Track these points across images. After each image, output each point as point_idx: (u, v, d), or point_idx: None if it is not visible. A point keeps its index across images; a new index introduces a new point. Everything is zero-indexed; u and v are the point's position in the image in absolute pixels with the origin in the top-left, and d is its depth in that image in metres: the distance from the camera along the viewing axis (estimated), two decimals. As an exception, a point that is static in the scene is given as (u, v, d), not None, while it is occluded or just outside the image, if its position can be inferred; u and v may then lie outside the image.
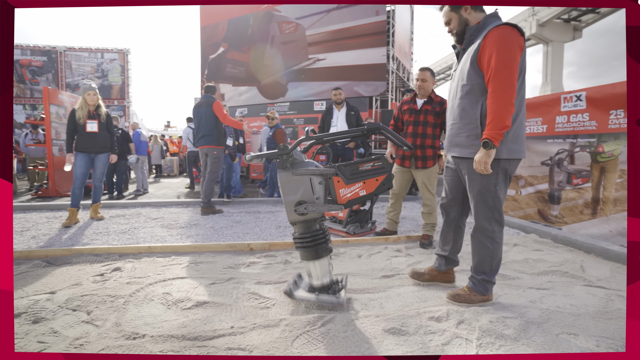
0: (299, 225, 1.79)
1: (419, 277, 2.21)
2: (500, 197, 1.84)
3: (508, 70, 1.63)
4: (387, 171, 1.81)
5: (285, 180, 1.75)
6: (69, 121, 3.95)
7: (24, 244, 3.19)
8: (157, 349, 1.48)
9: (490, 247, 1.87)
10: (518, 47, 1.67)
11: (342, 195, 1.76)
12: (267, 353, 1.44)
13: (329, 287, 1.83)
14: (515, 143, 1.78)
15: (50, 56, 17.88)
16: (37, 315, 1.80)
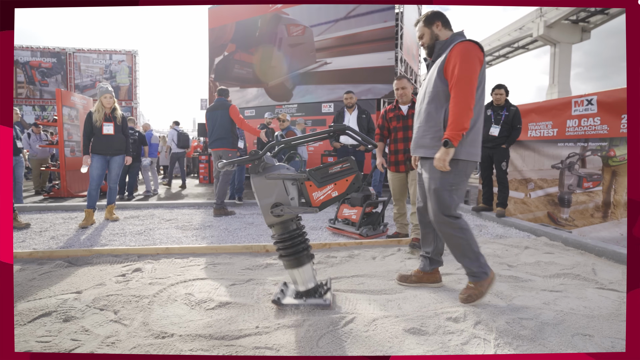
0: (277, 226, 1.88)
1: (406, 280, 2.28)
2: (455, 197, 1.98)
3: (468, 78, 1.83)
4: (355, 171, 1.89)
5: (259, 185, 1.83)
6: (86, 124, 4.04)
7: (44, 244, 3.27)
8: (186, 347, 1.54)
9: (462, 235, 1.97)
10: (478, 60, 1.86)
11: (315, 198, 1.85)
12: (293, 352, 1.50)
13: (315, 291, 1.92)
14: (473, 147, 1.96)
15: (60, 58, 18.13)
16: (67, 314, 1.87)
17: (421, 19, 2.08)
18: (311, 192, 1.85)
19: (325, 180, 1.85)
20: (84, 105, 8.29)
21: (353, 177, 1.88)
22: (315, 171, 1.86)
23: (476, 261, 1.99)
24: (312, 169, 1.87)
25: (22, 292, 2.15)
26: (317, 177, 1.84)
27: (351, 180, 1.88)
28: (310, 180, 1.84)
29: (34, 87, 17.71)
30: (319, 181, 1.84)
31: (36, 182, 7.88)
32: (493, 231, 3.86)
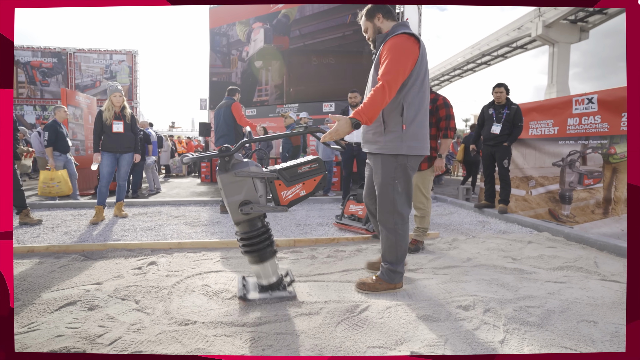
0: (244, 224, 1.87)
1: (372, 267, 2.38)
2: (400, 190, 1.98)
3: (395, 71, 1.80)
4: (323, 172, 1.93)
5: (228, 181, 1.80)
6: (96, 122, 4.10)
7: (58, 239, 3.34)
8: (210, 333, 1.61)
9: (393, 238, 2.00)
10: (410, 54, 1.84)
11: (284, 197, 1.87)
12: (313, 337, 1.57)
13: (278, 284, 1.97)
14: (415, 141, 1.95)
15: (60, 58, 18.13)
16: (90, 303, 1.94)
17: (363, 13, 2.04)
18: (280, 190, 1.85)
19: (294, 180, 1.86)
20: (88, 105, 8.35)
21: (320, 177, 1.92)
22: (285, 170, 1.86)
23: (392, 265, 2.04)
24: (281, 168, 1.87)
25: (44, 283, 2.22)
26: (287, 177, 1.85)
27: (319, 180, 1.92)
28: (279, 179, 1.84)
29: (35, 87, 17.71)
30: (288, 180, 1.85)
31: (40, 180, 7.91)
32: (496, 227, 3.95)
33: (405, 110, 1.89)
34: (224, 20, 11.85)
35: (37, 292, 2.10)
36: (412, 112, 1.91)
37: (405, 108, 1.89)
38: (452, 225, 4.02)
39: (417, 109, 1.92)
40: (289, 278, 2.05)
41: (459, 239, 3.37)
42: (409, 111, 1.90)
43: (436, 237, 3.44)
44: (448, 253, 2.93)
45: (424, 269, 2.53)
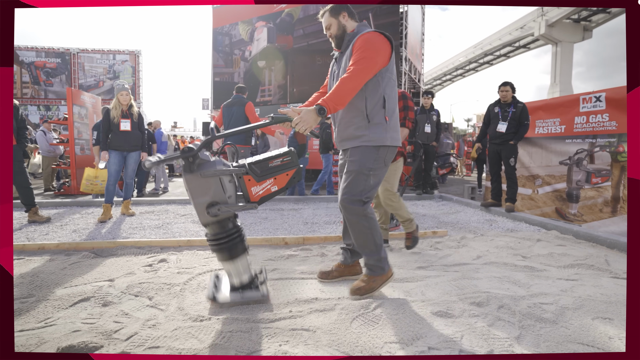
0: (213, 226, 1.77)
1: (327, 276, 2.22)
2: (372, 183, 1.93)
3: (367, 61, 1.80)
4: (296, 165, 1.83)
5: (193, 183, 1.70)
6: (104, 120, 4.12)
7: (68, 236, 3.35)
8: (226, 329, 1.61)
9: (366, 223, 1.92)
10: (382, 47, 1.86)
11: (254, 192, 1.77)
12: (329, 333, 1.57)
13: (250, 284, 1.87)
14: (395, 132, 2.00)
15: (64, 58, 18.20)
16: (104, 299, 1.95)
17: (327, 9, 2.02)
18: (250, 186, 1.75)
19: (265, 175, 1.76)
20: (93, 104, 8.37)
21: (294, 172, 1.82)
22: (255, 164, 1.76)
23: (376, 254, 1.96)
24: (251, 162, 1.77)
25: (57, 280, 2.23)
26: (257, 171, 1.75)
27: (291, 175, 1.82)
28: (249, 175, 1.75)
29: (39, 87, 17.78)
30: (258, 175, 1.75)
31: (48, 180, 7.95)
32: (503, 225, 3.94)
33: (386, 102, 1.92)
34: (227, 19, 11.87)
35: (50, 288, 2.11)
36: (392, 104, 1.96)
37: (386, 100, 1.92)
38: (459, 224, 4.02)
39: (394, 101, 1.98)
40: (262, 276, 1.96)
41: (467, 237, 3.36)
42: (389, 103, 1.94)
43: (444, 235, 3.44)
44: (457, 251, 2.92)
45: (434, 266, 2.52)
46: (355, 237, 1.98)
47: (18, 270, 2.41)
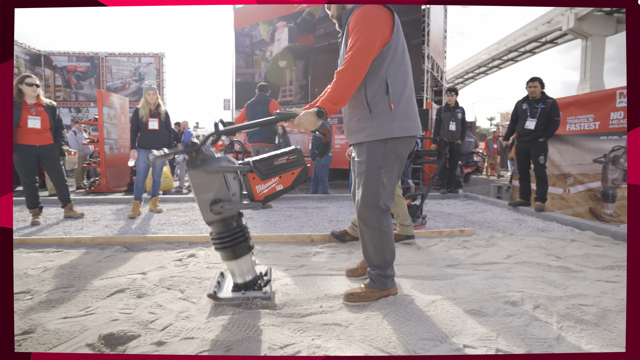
0: (216, 224, 1.73)
1: (353, 274, 2.17)
2: (385, 182, 1.74)
3: (360, 48, 1.57)
4: (302, 164, 1.76)
5: (197, 179, 1.66)
6: (133, 120, 4.25)
7: (100, 231, 3.48)
8: (258, 323, 1.62)
9: (378, 238, 1.76)
10: (378, 22, 1.60)
11: (258, 191, 1.71)
12: (361, 329, 1.56)
13: (254, 283, 1.82)
14: (406, 120, 1.71)
15: (93, 62, 18.89)
16: (139, 291, 2.00)
17: None
18: (254, 184, 1.70)
19: (270, 173, 1.71)
20: (120, 105, 8.66)
21: (300, 170, 1.75)
22: (260, 162, 1.71)
23: (382, 270, 1.80)
24: (256, 160, 1.72)
25: (93, 272, 2.31)
26: (262, 169, 1.70)
27: (297, 174, 1.75)
28: (253, 172, 1.70)
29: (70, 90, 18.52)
30: (263, 173, 1.70)
31: (79, 178, 8.28)
32: (533, 225, 3.81)
33: (390, 87, 1.66)
34: (248, 21, 12.02)
35: (88, 279, 2.19)
36: (398, 89, 1.68)
37: (389, 84, 1.66)
38: (486, 223, 3.92)
39: (402, 84, 1.70)
40: (267, 277, 1.91)
41: (496, 236, 3.27)
42: (394, 87, 1.67)
43: (472, 233, 3.36)
44: (487, 250, 2.85)
45: (464, 265, 2.47)
46: (364, 247, 1.84)
47: (58, 262, 2.52)
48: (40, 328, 1.58)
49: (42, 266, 2.43)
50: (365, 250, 1.84)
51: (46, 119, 3.84)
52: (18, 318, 1.69)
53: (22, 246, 2.94)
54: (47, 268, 2.39)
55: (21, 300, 1.90)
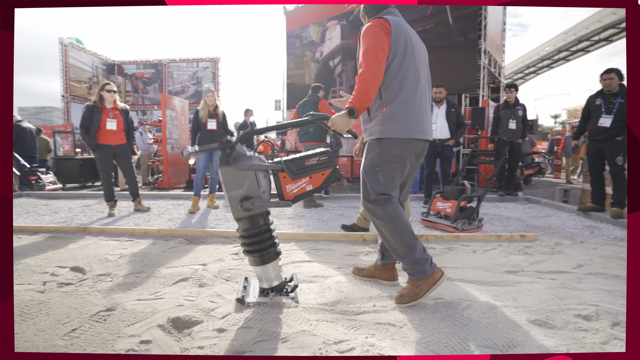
0: (245, 221, 1.76)
1: (358, 272, 2.19)
2: (382, 180, 1.81)
3: (371, 53, 1.70)
4: (332, 165, 1.77)
5: (229, 175, 1.69)
6: (194, 120, 4.54)
7: (165, 224, 3.77)
8: (312, 317, 1.66)
9: (390, 225, 1.78)
10: (381, 31, 1.73)
11: (288, 190, 1.73)
12: (416, 330, 1.54)
13: (280, 289, 1.84)
14: (395, 122, 1.77)
15: (157, 68, 20.42)
16: (200, 281, 2.14)
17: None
18: (285, 184, 1.73)
19: (300, 173, 1.73)
20: (181, 107, 9.29)
21: (330, 172, 1.77)
22: (291, 162, 1.74)
23: (410, 256, 1.77)
24: (287, 160, 1.75)
25: (160, 261, 2.52)
26: (293, 169, 1.73)
27: (327, 175, 1.77)
28: (284, 172, 1.73)
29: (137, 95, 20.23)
30: (294, 173, 1.73)
31: (145, 175, 9.02)
32: (609, 233, 3.45)
33: (383, 92, 1.78)
34: (299, 23, 12.25)
35: (156, 267, 2.39)
36: (391, 94, 1.77)
37: (382, 91, 1.78)
38: (551, 229, 3.62)
39: (397, 89, 1.77)
40: (293, 283, 1.92)
41: (563, 243, 3.02)
42: (387, 93, 1.78)
43: (535, 239, 3.13)
44: (552, 257, 2.64)
45: (526, 272, 2.31)
46: (386, 241, 1.85)
47: (130, 250, 2.78)
48: (120, 307, 1.76)
49: (119, 253, 2.69)
50: (388, 244, 1.85)
51: (121, 121, 4.24)
52: (102, 297, 1.90)
53: (102, 234, 3.28)
54: (122, 255, 2.64)
55: (103, 282, 2.13)
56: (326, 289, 2.00)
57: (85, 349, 1.41)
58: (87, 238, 3.16)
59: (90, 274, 2.27)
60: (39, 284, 2.09)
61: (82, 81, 15.82)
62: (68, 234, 3.33)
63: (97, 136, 4.13)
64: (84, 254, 2.68)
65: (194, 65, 21.14)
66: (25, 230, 3.44)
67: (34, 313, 1.72)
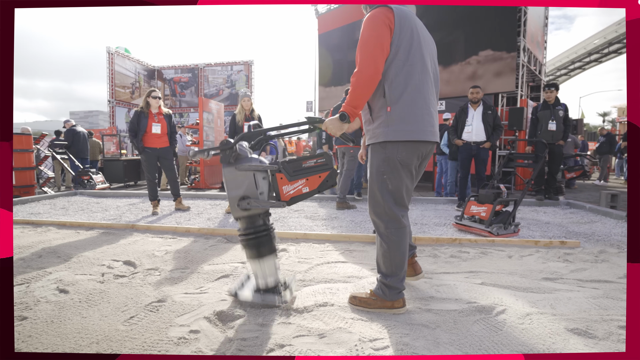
0: (243, 220, 1.81)
1: None
2: (391, 188, 1.69)
3: (368, 51, 1.58)
4: (329, 168, 1.75)
5: (229, 176, 1.75)
6: (231, 124, 4.75)
7: (204, 223, 3.98)
8: (348, 316, 1.73)
9: (385, 246, 1.72)
10: (381, 23, 1.58)
11: (285, 192, 1.74)
12: (449, 332, 1.57)
13: (273, 289, 1.85)
14: (403, 123, 1.62)
15: (194, 72, 21.28)
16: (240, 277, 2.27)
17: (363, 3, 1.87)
18: (281, 185, 1.74)
19: (297, 174, 1.74)
20: (217, 110, 9.67)
21: (327, 174, 1.75)
22: (288, 163, 1.76)
23: (387, 278, 1.73)
24: (285, 161, 1.78)
25: (202, 258, 2.69)
26: (289, 170, 1.74)
27: (324, 177, 1.75)
28: (281, 173, 1.74)
29: (175, 98, 21.18)
30: (290, 174, 1.74)
31: (183, 175, 9.46)
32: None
33: (387, 89, 1.63)
34: (332, 25, 12.36)
35: (199, 263, 2.56)
36: (397, 91, 1.62)
37: (386, 87, 1.63)
38: (595, 235, 3.46)
39: (403, 86, 1.63)
40: (289, 285, 1.96)
41: (609, 251, 2.89)
42: (391, 90, 1.62)
43: (576, 246, 3.02)
44: (595, 266, 2.54)
45: (565, 280, 2.25)
46: (377, 250, 1.82)
47: (174, 247, 2.98)
48: (170, 299, 1.92)
49: (164, 249, 2.90)
50: (377, 255, 1.82)
51: (165, 125, 4.53)
52: (153, 289, 2.08)
53: (148, 232, 3.53)
54: (167, 251, 2.84)
55: (152, 275, 2.32)
56: (360, 289, 2.06)
57: (143, 334, 1.57)
58: (135, 235, 3.42)
59: (140, 267, 2.47)
60: (98, 275, 2.31)
61: (126, 86, 16.82)
62: (118, 230, 3.61)
63: (143, 139, 4.43)
64: (133, 249, 2.91)
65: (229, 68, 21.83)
66: (82, 226, 3.77)
67: (97, 300, 1.92)
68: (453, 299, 1.91)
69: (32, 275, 2.30)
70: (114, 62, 15.29)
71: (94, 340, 1.52)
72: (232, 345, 1.48)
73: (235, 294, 1.89)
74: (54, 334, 1.58)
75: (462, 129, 4.71)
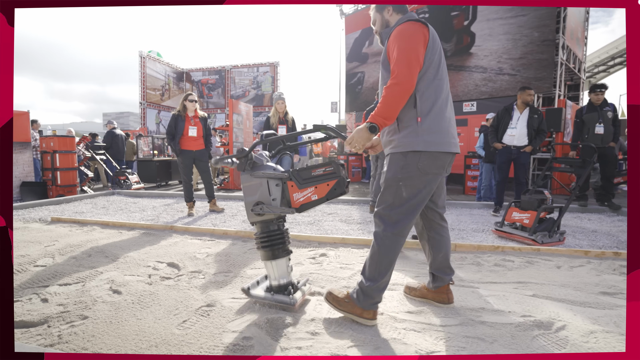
0: (258, 225, 1.92)
1: (410, 292, 2.07)
2: (404, 195, 1.68)
3: (406, 62, 1.58)
4: (338, 176, 1.76)
5: (246, 182, 1.85)
6: (265, 126, 4.81)
7: (239, 225, 4.05)
8: (400, 326, 1.71)
9: (376, 247, 1.73)
10: (420, 37, 1.63)
11: (295, 199, 1.79)
12: (508, 347, 1.51)
13: (285, 288, 1.92)
14: (432, 134, 1.65)
15: (221, 74, 21.71)
16: (283, 282, 2.28)
17: (373, 5, 1.88)
18: (292, 192, 1.80)
19: (307, 182, 1.78)
20: (246, 112, 9.82)
21: (335, 182, 1.77)
22: (299, 171, 1.81)
23: (370, 282, 1.71)
24: (295, 169, 1.82)
25: (243, 261, 2.72)
26: (299, 178, 1.79)
27: (332, 185, 1.77)
28: (292, 180, 1.80)
29: (203, 99, 21.68)
30: (300, 182, 1.79)
31: (213, 176, 9.67)
32: None
33: (418, 101, 1.66)
34: (359, 26, 12.30)
35: (241, 267, 2.59)
36: (427, 103, 1.66)
37: (418, 99, 1.66)
38: None
39: (433, 99, 1.67)
40: (302, 287, 2.01)
41: (667, 263, 2.70)
42: (422, 102, 1.66)
43: (630, 257, 2.85)
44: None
45: (625, 294, 2.13)
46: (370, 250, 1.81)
47: (214, 249, 3.04)
48: (218, 304, 1.95)
49: (205, 252, 2.96)
50: (368, 257, 1.80)
51: (200, 128, 4.64)
52: (200, 292, 2.12)
53: (187, 233, 3.62)
54: (208, 254, 2.90)
55: (197, 278, 2.37)
56: (404, 297, 2.03)
57: (198, 339, 1.60)
58: (174, 236, 3.51)
59: (184, 270, 2.53)
60: (146, 276, 2.39)
61: (156, 89, 17.37)
62: (158, 231, 3.72)
63: (180, 142, 4.56)
64: (175, 251, 2.99)
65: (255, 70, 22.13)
66: (124, 226, 3.91)
67: (149, 302, 1.98)
68: (506, 311, 1.84)
69: (85, 274, 2.41)
70: (146, 65, 15.84)
71: (152, 343, 1.57)
72: (288, 353, 1.49)
73: (248, 290, 1.97)
74: (115, 335, 1.64)
75: (503, 131, 4.51)
